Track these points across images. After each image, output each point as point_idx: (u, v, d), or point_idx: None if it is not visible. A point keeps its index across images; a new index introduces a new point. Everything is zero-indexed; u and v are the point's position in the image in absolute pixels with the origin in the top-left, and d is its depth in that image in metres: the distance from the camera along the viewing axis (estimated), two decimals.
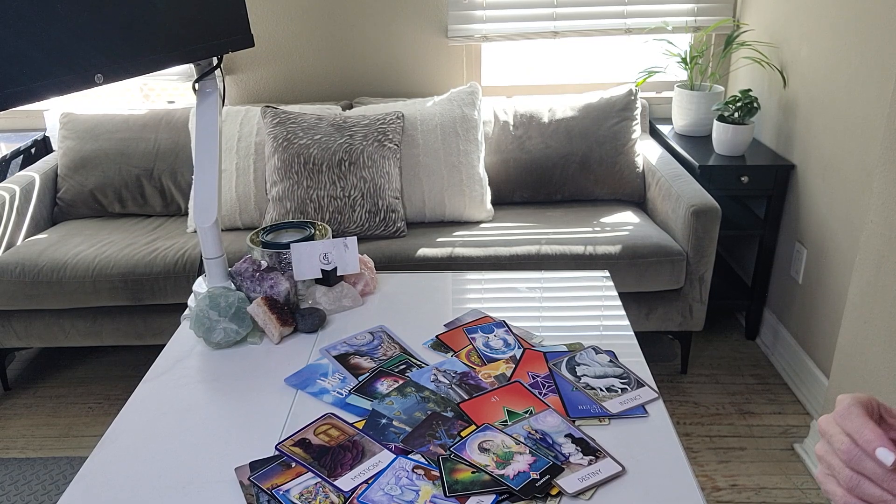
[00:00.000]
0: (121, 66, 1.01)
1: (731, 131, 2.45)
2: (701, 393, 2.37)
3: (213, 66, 1.29)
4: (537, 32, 2.82)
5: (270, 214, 2.37)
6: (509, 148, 2.62)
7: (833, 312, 2.15)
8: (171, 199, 2.70)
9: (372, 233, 2.36)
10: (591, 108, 2.62)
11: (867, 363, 1.74)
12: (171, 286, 2.25)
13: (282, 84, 2.91)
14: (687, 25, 2.80)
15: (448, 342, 1.20)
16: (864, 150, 1.98)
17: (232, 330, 1.21)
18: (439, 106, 2.54)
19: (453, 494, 0.86)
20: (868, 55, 1.95)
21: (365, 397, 1.06)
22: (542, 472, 0.89)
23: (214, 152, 1.28)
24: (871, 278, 1.72)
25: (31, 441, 2.26)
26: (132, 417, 1.05)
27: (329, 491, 0.88)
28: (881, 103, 1.89)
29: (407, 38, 2.85)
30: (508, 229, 2.41)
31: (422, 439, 0.96)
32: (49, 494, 2.02)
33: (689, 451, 2.11)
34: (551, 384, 1.07)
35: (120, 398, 2.46)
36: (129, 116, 2.73)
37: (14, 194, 2.51)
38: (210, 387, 1.12)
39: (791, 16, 2.41)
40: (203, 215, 1.27)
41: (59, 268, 2.24)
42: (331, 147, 2.35)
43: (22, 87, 0.87)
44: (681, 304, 2.30)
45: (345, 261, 1.32)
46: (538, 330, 1.24)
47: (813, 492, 1.94)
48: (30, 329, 2.34)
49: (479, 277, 1.46)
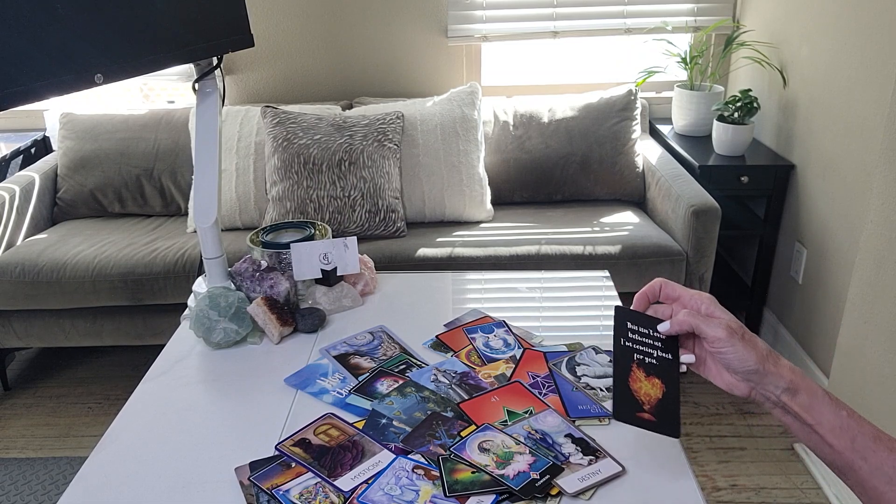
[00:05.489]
0: (121, 66, 1.01)
1: (731, 131, 2.45)
2: (701, 393, 2.37)
3: (213, 66, 1.29)
4: (537, 32, 2.82)
5: (270, 214, 2.37)
6: (509, 148, 2.62)
7: (833, 312, 2.15)
8: (171, 199, 2.70)
9: (372, 233, 2.36)
10: (591, 108, 2.62)
11: (867, 363, 1.74)
12: (171, 286, 2.25)
13: (282, 84, 2.91)
14: (687, 25, 2.80)
15: (448, 342, 1.20)
16: (864, 150, 1.98)
17: (232, 330, 1.21)
18: (439, 106, 2.54)
19: (453, 494, 0.86)
20: (868, 55, 1.95)
21: (365, 397, 1.06)
22: (542, 472, 0.89)
23: (214, 152, 1.28)
24: (871, 278, 1.72)
25: (31, 441, 2.26)
26: (132, 417, 1.05)
27: (329, 491, 0.88)
28: (881, 103, 1.89)
29: (407, 38, 2.85)
30: (508, 229, 2.41)
31: (422, 439, 0.96)
32: (49, 494, 2.02)
33: (689, 451, 2.11)
34: (551, 384, 1.07)
35: (120, 398, 2.46)
36: (129, 116, 2.73)
37: (14, 194, 2.51)
38: (210, 387, 1.12)
39: (791, 16, 2.41)
40: (203, 215, 1.27)
41: (59, 268, 2.24)
42: (331, 147, 2.35)
43: (22, 87, 0.87)
44: None
45: (345, 261, 1.32)
46: (538, 330, 1.24)
47: (813, 492, 1.94)
48: (30, 329, 2.34)
49: (479, 277, 1.46)
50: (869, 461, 0.62)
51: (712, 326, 0.71)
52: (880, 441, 0.63)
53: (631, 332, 0.79)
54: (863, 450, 0.63)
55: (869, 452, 0.62)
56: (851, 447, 0.63)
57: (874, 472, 0.62)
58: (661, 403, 0.78)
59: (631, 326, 0.79)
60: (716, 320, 0.71)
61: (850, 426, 0.63)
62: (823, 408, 0.65)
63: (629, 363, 0.79)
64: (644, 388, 0.78)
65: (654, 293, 0.79)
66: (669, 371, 0.78)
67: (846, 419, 0.64)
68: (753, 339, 0.70)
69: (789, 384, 0.67)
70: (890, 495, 0.61)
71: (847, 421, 0.64)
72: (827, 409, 0.65)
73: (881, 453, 0.62)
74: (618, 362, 0.79)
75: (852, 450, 0.63)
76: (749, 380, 0.70)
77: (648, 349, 0.79)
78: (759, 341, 0.70)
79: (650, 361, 0.78)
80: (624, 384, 0.78)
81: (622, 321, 0.80)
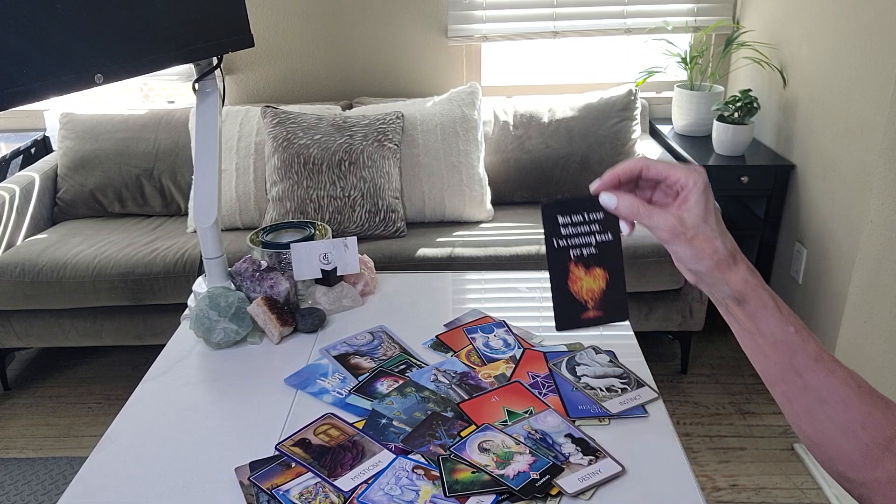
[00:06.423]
0: (121, 66, 1.01)
1: (731, 131, 2.45)
2: (701, 393, 2.37)
3: (213, 66, 1.29)
4: (537, 32, 2.82)
5: (270, 214, 2.37)
6: (509, 148, 2.62)
7: (833, 312, 2.15)
8: (171, 199, 2.70)
9: (372, 233, 2.36)
10: (591, 108, 2.62)
11: (867, 363, 1.74)
12: (171, 286, 2.25)
13: (282, 84, 2.91)
14: (687, 25, 2.80)
15: (448, 342, 1.20)
16: (864, 150, 1.98)
17: (232, 330, 1.21)
18: (439, 106, 2.54)
19: (453, 494, 0.86)
20: (868, 55, 1.95)
21: (365, 397, 1.06)
22: (542, 472, 0.89)
23: (214, 152, 1.28)
24: (871, 278, 1.72)
25: (31, 441, 2.26)
26: (132, 417, 1.05)
27: (329, 491, 0.88)
28: (881, 103, 1.89)
29: (407, 38, 2.84)
30: (508, 229, 2.41)
31: (422, 439, 0.96)
32: (49, 494, 2.02)
33: (689, 451, 2.11)
34: (551, 384, 1.07)
35: (120, 398, 2.46)
36: (129, 116, 2.73)
37: (14, 194, 2.51)
38: (210, 387, 1.12)
39: (791, 16, 2.41)
40: (203, 215, 1.27)
41: (59, 268, 2.24)
42: (331, 147, 2.35)
43: (22, 87, 0.87)
44: (681, 304, 2.30)
45: (345, 261, 1.32)
46: (538, 330, 1.24)
47: (813, 492, 1.94)
48: (30, 329, 2.34)
49: (479, 277, 1.46)
50: (804, 378, 0.61)
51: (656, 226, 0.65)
52: (821, 361, 0.61)
53: (563, 227, 0.72)
54: (801, 367, 0.61)
55: (807, 370, 0.61)
56: (789, 362, 0.61)
57: (807, 390, 0.61)
58: (606, 293, 0.73)
59: (563, 221, 0.72)
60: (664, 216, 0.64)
61: (794, 342, 0.61)
62: (770, 320, 0.62)
63: (566, 264, 0.72)
64: (586, 285, 0.73)
65: (631, 175, 0.68)
66: (611, 253, 0.72)
67: (792, 335, 0.61)
68: (707, 241, 0.63)
69: (736, 293, 0.63)
70: (818, 413, 0.61)
71: (792, 337, 0.61)
72: (774, 322, 0.62)
73: (820, 373, 0.60)
74: (553, 268, 0.72)
75: (789, 365, 0.61)
76: (694, 274, 0.65)
77: (585, 238, 0.72)
78: (716, 242, 0.63)
79: (589, 252, 0.72)
80: (563, 291, 0.72)
81: (552, 218, 0.72)
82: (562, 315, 0.73)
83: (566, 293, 0.73)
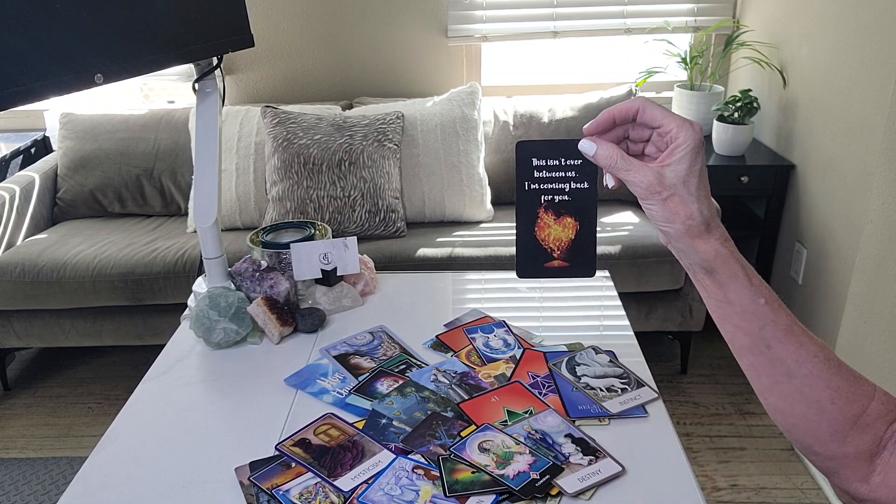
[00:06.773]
0: (121, 66, 1.01)
1: (731, 131, 2.45)
2: (701, 393, 2.37)
3: (213, 66, 1.29)
4: (537, 32, 2.82)
5: (270, 214, 2.37)
6: (509, 148, 2.62)
7: (833, 312, 2.15)
8: (171, 199, 2.70)
9: (372, 233, 2.36)
10: (591, 108, 2.62)
11: (867, 363, 1.74)
12: (171, 286, 2.25)
13: (282, 84, 2.91)
14: (687, 25, 2.80)
15: (448, 342, 1.20)
16: (864, 150, 1.98)
17: (232, 330, 1.21)
18: (439, 106, 2.54)
19: (453, 494, 0.86)
20: (868, 55, 1.95)
21: (365, 397, 1.06)
22: (542, 472, 0.89)
23: (214, 152, 1.28)
24: (871, 278, 1.72)
25: (31, 441, 2.26)
26: (132, 417, 1.05)
27: (329, 491, 0.88)
28: (881, 103, 1.89)
29: (407, 38, 2.84)
30: (508, 229, 2.41)
31: (422, 439, 0.96)
32: (49, 494, 2.02)
33: (689, 451, 2.11)
34: (551, 384, 1.07)
35: (120, 398, 2.46)
36: (128, 116, 2.73)
37: (14, 194, 2.51)
38: (210, 387, 1.12)
39: (791, 16, 2.41)
40: (203, 215, 1.27)
41: (59, 268, 2.24)
42: (331, 147, 2.35)
43: (22, 87, 0.87)
44: (681, 304, 2.30)
45: (345, 261, 1.32)
46: (538, 330, 1.24)
47: (813, 492, 1.94)
48: (30, 329, 2.34)
49: (479, 277, 1.46)
50: (773, 350, 0.60)
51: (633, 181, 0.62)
52: (791, 334, 0.60)
53: (537, 169, 0.69)
54: (770, 339, 0.60)
55: (775, 342, 0.59)
56: (758, 333, 0.60)
57: (775, 362, 0.60)
58: (575, 244, 0.69)
59: (537, 163, 0.69)
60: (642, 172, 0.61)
61: (764, 314, 0.60)
62: (740, 290, 0.60)
63: (535, 210, 0.69)
64: (553, 233, 0.70)
65: (627, 116, 0.65)
66: (585, 203, 0.69)
67: (762, 306, 0.60)
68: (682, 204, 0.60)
69: (705, 262, 0.61)
70: (786, 386, 0.60)
71: (763, 308, 0.60)
72: (744, 292, 0.60)
73: (789, 346, 0.59)
74: (521, 211, 0.70)
75: (758, 335, 0.60)
76: (665, 235, 0.63)
77: (559, 184, 0.69)
78: (691, 207, 0.60)
79: (561, 199, 0.69)
80: (528, 237, 0.70)
81: (526, 159, 0.69)
82: (524, 262, 0.70)
83: (531, 239, 0.70)
